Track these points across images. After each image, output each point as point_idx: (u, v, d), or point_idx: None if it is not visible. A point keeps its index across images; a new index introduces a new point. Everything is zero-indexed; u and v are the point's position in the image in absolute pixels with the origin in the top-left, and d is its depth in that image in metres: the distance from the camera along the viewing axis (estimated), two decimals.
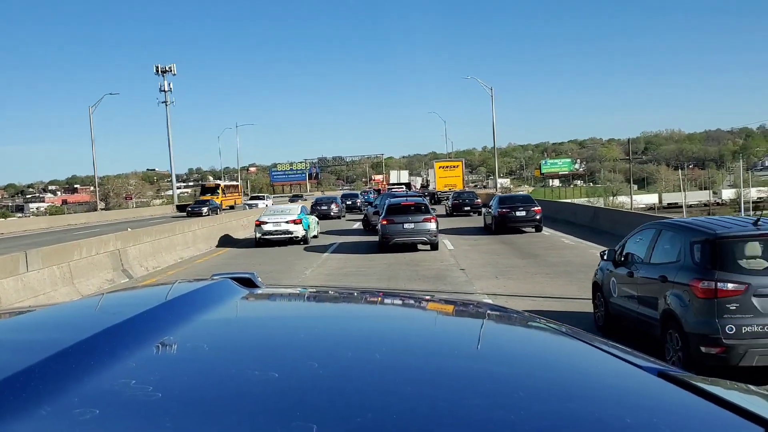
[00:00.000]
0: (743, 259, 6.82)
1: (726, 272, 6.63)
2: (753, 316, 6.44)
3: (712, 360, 6.55)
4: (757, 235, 6.95)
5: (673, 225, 8.16)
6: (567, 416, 0.92)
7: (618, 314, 8.79)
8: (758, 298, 6.44)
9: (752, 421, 0.88)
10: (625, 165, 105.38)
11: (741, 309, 6.46)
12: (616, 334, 8.69)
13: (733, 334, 6.44)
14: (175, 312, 1.39)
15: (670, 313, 7.14)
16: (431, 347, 1.36)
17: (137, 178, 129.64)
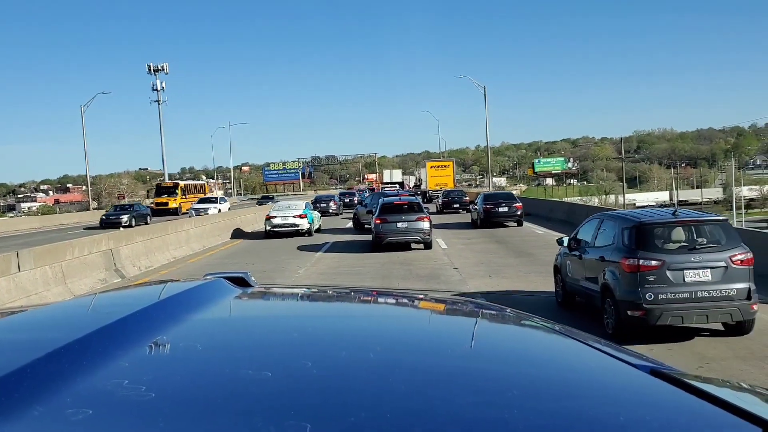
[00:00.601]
0: (661, 241, 8.58)
1: (646, 251, 8.38)
2: (667, 285, 8.19)
3: (636, 321, 8.29)
4: (673, 222, 8.81)
5: (611, 215, 10.02)
6: (560, 414, 0.93)
7: (572, 291, 10.55)
8: (671, 271, 8.24)
9: (750, 421, 0.88)
10: (618, 164, 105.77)
11: (658, 280, 8.22)
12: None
13: (652, 300, 8.17)
14: (168, 312, 1.38)
15: (606, 286, 8.83)
16: (425, 346, 1.36)
17: (130, 178, 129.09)
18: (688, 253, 8.42)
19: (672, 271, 8.27)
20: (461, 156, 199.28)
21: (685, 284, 8.26)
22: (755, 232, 16.83)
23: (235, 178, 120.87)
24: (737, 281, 8.36)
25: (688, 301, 8.19)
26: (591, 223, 10.31)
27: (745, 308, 8.28)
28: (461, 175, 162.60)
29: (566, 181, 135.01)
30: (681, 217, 8.92)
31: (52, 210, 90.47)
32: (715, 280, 8.29)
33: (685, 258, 8.35)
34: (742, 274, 8.43)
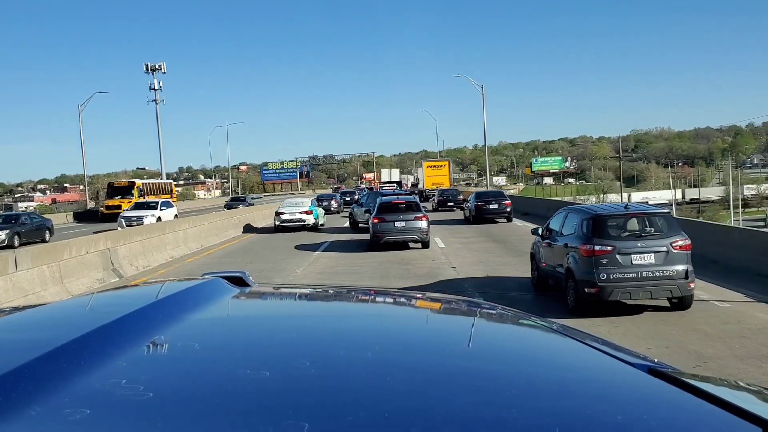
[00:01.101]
0: (613, 230, 10.16)
1: (600, 239, 9.96)
2: (617, 267, 9.74)
3: (592, 297, 9.84)
4: (624, 214, 10.51)
5: (574, 208, 11.79)
6: (558, 413, 0.93)
7: (544, 274, 12.08)
8: (621, 255, 9.78)
9: (750, 421, 0.88)
10: (616, 163, 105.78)
11: (610, 263, 9.76)
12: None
13: (605, 279, 9.71)
14: (166, 311, 1.38)
15: (569, 268, 10.36)
16: (423, 345, 1.36)
17: (127, 177, 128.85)
18: (635, 240, 10.08)
19: (621, 255, 9.82)
20: (459, 155, 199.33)
21: (633, 266, 9.78)
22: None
23: (233, 178, 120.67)
24: (677, 263, 9.85)
25: (635, 280, 9.75)
26: (559, 216, 11.87)
27: (684, 286, 9.82)
28: (459, 175, 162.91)
29: (565, 180, 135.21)
30: (631, 210, 10.80)
31: (49, 210, 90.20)
32: (658, 262, 9.83)
33: (633, 244, 9.97)
34: (681, 258, 9.92)
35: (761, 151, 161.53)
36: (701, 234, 16.21)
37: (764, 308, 10.14)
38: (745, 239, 14.29)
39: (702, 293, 11.45)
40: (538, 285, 12.48)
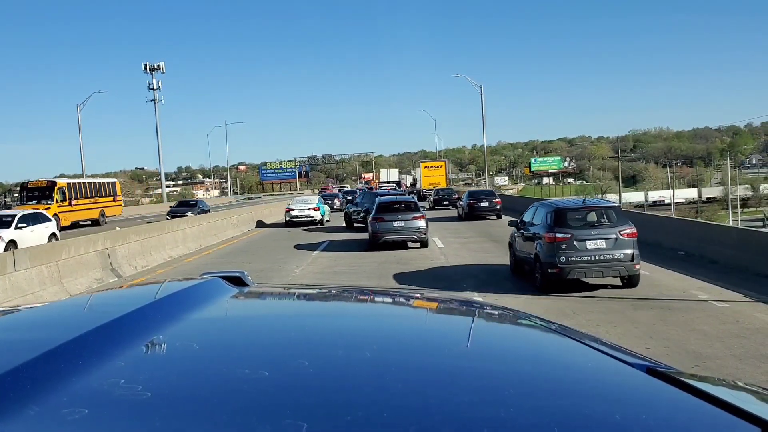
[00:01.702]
0: (572, 220, 12.28)
1: (560, 228, 12.04)
2: (575, 251, 11.80)
3: (554, 277, 11.92)
4: (581, 207, 12.76)
5: (542, 203, 14.15)
6: (556, 413, 0.93)
7: (519, 260, 14.14)
8: (578, 241, 11.82)
9: (749, 421, 0.88)
10: (614, 163, 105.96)
11: (568, 248, 11.81)
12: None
13: (564, 262, 11.78)
14: (165, 311, 1.38)
15: (536, 254, 12.47)
16: (421, 345, 1.36)
17: (126, 177, 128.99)
18: (590, 229, 12.17)
19: (578, 241, 11.89)
20: (458, 155, 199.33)
21: (588, 250, 11.88)
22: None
23: (231, 178, 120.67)
24: (624, 248, 11.90)
25: (589, 262, 11.86)
26: (530, 210, 14.16)
27: (630, 267, 11.92)
28: (458, 175, 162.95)
29: (565, 180, 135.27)
30: (588, 204, 13.05)
31: None
32: (609, 247, 11.86)
33: (588, 232, 12.06)
34: (628, 243, 11.94)
35: (760, 152, 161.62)
36: (700, 234, 16.24)
37: (763, 308, 10.15)
38: (743, 239, 14.31)
39: (701, 293, 11.46)
40: (514, 270, 14.51)
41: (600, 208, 12.86)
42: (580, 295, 11.48)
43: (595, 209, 12.72)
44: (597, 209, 12.73)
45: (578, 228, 12.11)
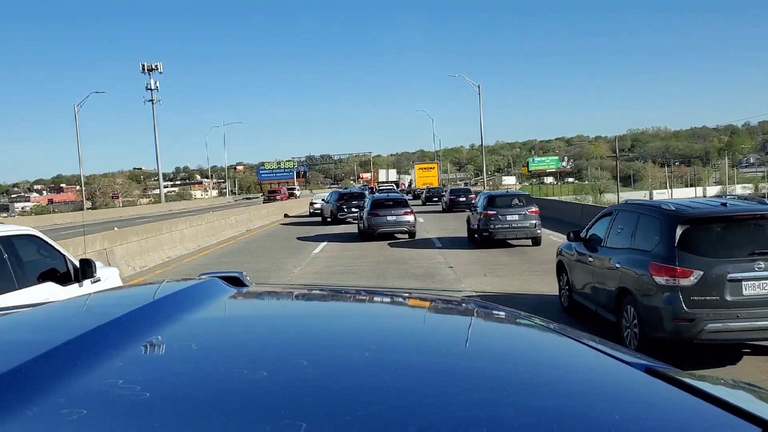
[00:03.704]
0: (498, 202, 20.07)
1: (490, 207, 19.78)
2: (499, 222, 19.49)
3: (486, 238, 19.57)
4: (505, 195, 21.17)
5: (483, 193, 21.84)
6: (554, 412, 0.93)
7: (471, 230, 21.81)
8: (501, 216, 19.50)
9: (749, 421, 0.88)
10: (612, 162, 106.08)
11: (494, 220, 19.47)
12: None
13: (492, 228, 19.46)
14: (163, 311, 1.38)
15: (477, 224, 20.33)
16: (420, 345, 1.36)
17: (124, 177, 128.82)
18: (509, 208, 19.71)
19: (501, 216, 19.44)
20: (456, 155, 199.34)
21: (507, 221, 19.42)
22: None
23: (230, 178, 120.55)
24: (531, 220, 19.50)
25: (508, 229, 19.44)
26: (479, 198, 21.82)
27: (534, 232, 19.46)
28: (456, 174, 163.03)
29: (564, 179, 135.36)
30: (509, 193, 21.87)
31: (45, 210, 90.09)
32: (521, 219, 19.51)
33: (507, 210, 19.61)
34: (533, 217, 19.55)
35: (757, 151, 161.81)
36: None
37: None
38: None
39: None
40: (469, 237, 21.97)
41: (516, 195, 21.15)
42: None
43: (513, 196, 20.93)
44: (514, 196, 20.94)
45: (502, 207, 19.82)
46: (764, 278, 6.78)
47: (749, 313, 6.73)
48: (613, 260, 8.18)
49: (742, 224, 7.30)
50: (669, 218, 7.36)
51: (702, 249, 7.04)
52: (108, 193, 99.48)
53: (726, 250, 7.03)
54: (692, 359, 7.41)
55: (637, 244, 7.82)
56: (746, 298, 6.76)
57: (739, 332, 6.87)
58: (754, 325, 6.77)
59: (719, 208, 7.51)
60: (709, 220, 7.29)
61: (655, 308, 7.04)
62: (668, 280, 6.94)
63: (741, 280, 6.77)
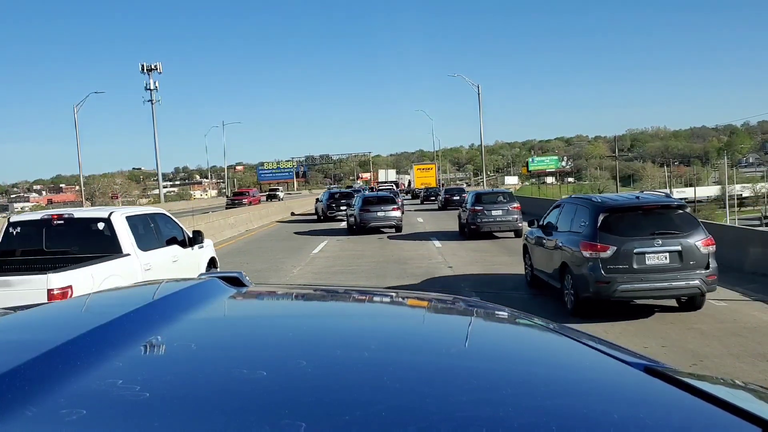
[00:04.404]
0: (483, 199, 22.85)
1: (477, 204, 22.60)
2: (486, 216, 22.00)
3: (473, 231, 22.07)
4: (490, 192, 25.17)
5: (473, 192, 24.76)
6: (554, 412, 0.93)
7: (461, 225, 23.84)
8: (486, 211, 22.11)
9: (749, 421, 0.88)
10: (612, 162, 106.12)
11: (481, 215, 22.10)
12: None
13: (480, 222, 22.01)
14: (163, 311, 1.38)
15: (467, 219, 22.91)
16: (419, 345, 1.36)
17: (123, 177, 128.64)
18: (493, 205, 22.13)
19: (486, 211, 21.75)
20: (455, 155, 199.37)
21: (492, 216, 21.82)
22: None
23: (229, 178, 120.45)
24: (513, 215, 21.89)
25: (493, 223, 21.79)
26: (468, 196, 24.20)
27: (516, 225, 21.73)
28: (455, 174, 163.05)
29: (565, 179, 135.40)
30: (494, 191, 26.56)
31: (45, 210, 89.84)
32: (504, 214, 21.86)
33: (492, 206, 22.05)
34: (515, 212, 21.91)
35: (757, 151, 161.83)
36: None
37: (760, 307, 10.16)
38: (740, 238, 14.30)
39: None
40: (460, 231, 24.25)
41: (499, 193, 24.58)
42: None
43: (499, 194, 23.92)
44: (500, 194, 23.90)
45: (486, 203, 22.23)
46: (661, 251, 9.21)
47: (650, 277, 9.11)
48: (558, 241, 10.52)
49: (647, 212, 9.72)
50: (594, 208, 9.76)
51: (617, 230, 9.37)
52: (107, 193, 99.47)
53: (634, 231, 9.37)
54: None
55: (574, 228, 10.14)
56: (648, 266, 9.15)
57: (643, 291, 9.24)
58: (654, 286, 9.13)
59: (633, 200, 10.03)
60: (623, 209, 9.68)
61: (583, 275, 9.36)
62: (592, 254, 9.30)
63: (644, 253, 9.18)
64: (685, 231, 9.53)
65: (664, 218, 9.69)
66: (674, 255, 9.29)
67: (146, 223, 9.85)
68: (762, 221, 63.56)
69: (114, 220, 8.88)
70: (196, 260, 11.06)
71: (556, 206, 11.82)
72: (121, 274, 8.31)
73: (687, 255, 9.31)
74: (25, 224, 9.16)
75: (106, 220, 8.89)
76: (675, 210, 9.89)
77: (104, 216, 8.96)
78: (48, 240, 8.93)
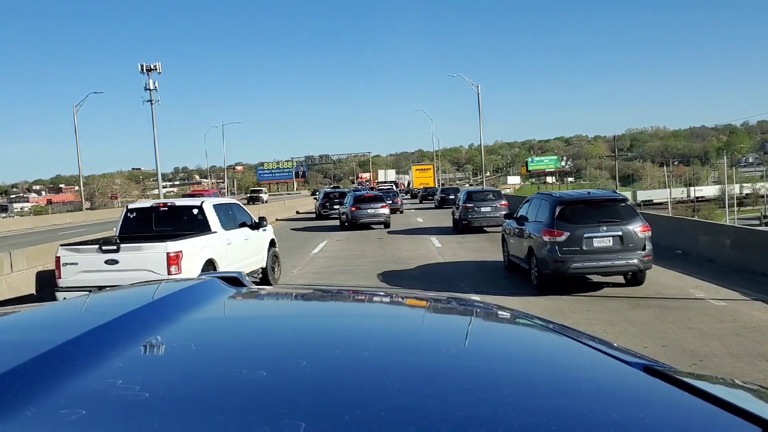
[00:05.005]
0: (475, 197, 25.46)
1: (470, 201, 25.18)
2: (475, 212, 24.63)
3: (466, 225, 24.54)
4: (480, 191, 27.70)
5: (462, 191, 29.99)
6: (553, 412, 0.93)
7: (455, 221, 26.12)
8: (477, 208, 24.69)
9: (749, 421, 0.88)
10: (611, 162, 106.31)
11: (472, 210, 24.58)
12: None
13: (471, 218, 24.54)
14: (162, 312, 1.38)
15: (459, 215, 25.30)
16: (419, 345, 1.36)
17: (123, 178, 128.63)
18: (483, 202, 24.73)
19: (476, 208, 24.40)
20: (455, 155, 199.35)
21: (482, 212, 24.33)
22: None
23: (228, 178, 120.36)
24: (501, 211, 21.94)
25: (482, 218, 24.28)
26: (461, 194, 26.39)
27: (503, 220, 16.78)
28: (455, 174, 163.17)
29: (565, 179, 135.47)
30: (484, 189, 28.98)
31: (44, 210, 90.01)
32: (492, 211, 24.08)
33: (482, 203, 24.63)
34: (503, 209, 22.09)
35: (756, 150, 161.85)
36: (697, 233, 16.26)
37: (760, 306, 10.16)
38: (740, 238, 14.33)
39: (698, 292, 11.48)
40: (453, 226, 26.24)
41: (489, 191, 26.67)
42: (578, 294, 11.68)
43: (488, 192, 26.34)
44: (489, 192, 26.35)
45: (478, 201, 24.60)
46: (606, 236, 11.40)
47: (597, 257, 11.34)
48: (527, 230, 12.66)
49: (595, 204, 11.92)
50: (553, 201, 12.01)
51: (571, 219, 11.53)
52: (107, 193, 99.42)
53: (584, 219, 11.53)
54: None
55: (539, 218, 12.23)
56: (595, 248, 11.35)
57: (591, 268, 11.45)
58: (600, 264, 11.38)
59: (585, 195, 12.51)
60: (576, 202, 11.92)
61: (544, 256, 11.54)
62: (550, 239, 11.46)
63: (592, 237, 11.36)
64: (626, 219, 11.59)
65: (609, 209, 11.79)
66: (616, 239, 11.42)
67: (226, 210, 12.75)
68: (761, 221, 63.58)
69: (204, 207, 11.89)
70: (261, 239, 13.87)
71: (526, 201, 13.95)
72: (212, 245, 11.30)
73: (627, 239, 11.42)
74: (139, 210, 12.37)
75: (198, 207, 11.92)
76: (619, 203, 12.06)
77: (197, 204, 12.04)
78: (156, 221, 12.04)
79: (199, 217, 11.77)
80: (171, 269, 10.01)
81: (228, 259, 11.82)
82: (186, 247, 10.38)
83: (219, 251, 11.49)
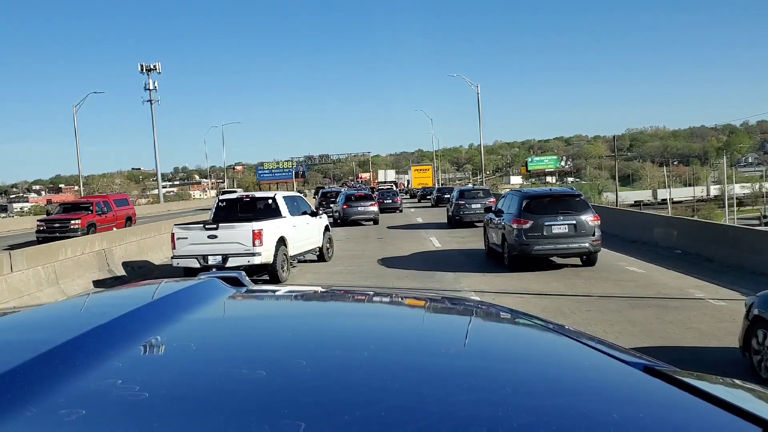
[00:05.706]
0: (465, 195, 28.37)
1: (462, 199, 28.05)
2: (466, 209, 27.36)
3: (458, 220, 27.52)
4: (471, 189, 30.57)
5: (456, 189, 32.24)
6: (553, 411, 0.93)
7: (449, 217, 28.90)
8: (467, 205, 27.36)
9: (750, 421, 0.87)
10: (611, 162, 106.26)
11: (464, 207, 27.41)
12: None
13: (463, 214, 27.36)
14: (162, 312, 1.38)
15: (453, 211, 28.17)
16: (419, 344, 1.36)
17: (122, 178, 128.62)
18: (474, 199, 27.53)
19: (468, 204, 27.12)
20: (454, 154, 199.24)
21: (473, 209, 26.63)
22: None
23: (228, 178, 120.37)
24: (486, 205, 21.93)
25: (473, 214, 26.52)
26: (454, 192, 29.31)
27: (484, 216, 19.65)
28: (455, 174, 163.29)
29: (565, 179, 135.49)
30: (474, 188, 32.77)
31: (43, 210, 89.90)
32: (480, 206, 25.17)
33: (472, 201, 27.29)
34: (490, 206, 19.02)
35: (756, 150, 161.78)
36: (697, 232, 16.28)
37: None
38: (740, 237, 14.34)
39: (697, 291, 11.48)
40: (447, 221, 28.88)
41: (480, 189, 29.90)
42: (577, 294, 11.65)
43: (479, 190, 29.38)
44: (480, 190, 29.39)
45: (469, 198, 27.27)
46: (562, 224, 14.24)
47: (555, 241, 14.21)
48: (502, 221, 15.32)
49: (555, 198, 14.91)
50: (521, 196, 15.02)
51: (535, 210, 14.44)
52: (106, 193, 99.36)
53: (546, 210, 14.44)
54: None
55: (510, 210, 15.07)
56: (554, 234, 14.22)
57: (551, 250, 14.30)
58: (558, 247, 14.25)
59: (547, 191, 16.07)
60: (540, 197, 15.04)
61: (513, 241, 14.44)
62: (518, 226, 14.30)
63: (551, 225, 14.22)
64: (579, 211, 14.49)
65: (566, 203, 14.75)
66: (571, 226, 14.28)
67: (293, 201, 16.57)
68: (761, 221, 63.58)
69: (277, 198, 15.79)
70: (319, 225, 17.49)
71: (503, 197, 17.19)
72: (282, 227, 14.89)
73: (580, 226, 14.28)
74: (227, 200, 16.58)
75: (272, 198, 15.84)
76: (575, 197, 15.07)
77: (272, 196, 15.98)
78: (240, 209, 16.05)
79: (273, 206, 15.54)
80: (255, 242, 13.63)
81: (294, 238, 15.31)
82: (265, 226, 14.02)
83: (287, 231, 15.01)
